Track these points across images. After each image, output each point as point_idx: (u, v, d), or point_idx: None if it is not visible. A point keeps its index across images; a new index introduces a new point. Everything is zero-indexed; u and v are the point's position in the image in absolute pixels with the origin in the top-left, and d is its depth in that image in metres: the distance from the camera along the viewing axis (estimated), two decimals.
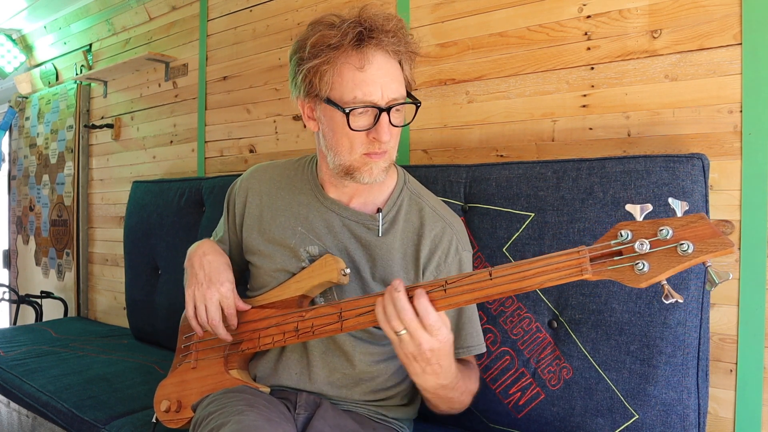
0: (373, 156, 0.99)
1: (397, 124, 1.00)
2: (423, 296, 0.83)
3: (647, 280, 0.69)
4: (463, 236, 1.12)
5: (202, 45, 2.42)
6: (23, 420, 1.78)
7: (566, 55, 1.44)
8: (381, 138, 0.97)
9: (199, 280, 1.10)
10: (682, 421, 1.09)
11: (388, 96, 0.96)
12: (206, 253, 1.14)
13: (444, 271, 1.06)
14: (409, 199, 1.11)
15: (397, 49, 0.98)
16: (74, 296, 3.06)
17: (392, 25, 0.97)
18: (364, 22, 0.96)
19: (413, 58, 1.03)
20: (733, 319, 1.20)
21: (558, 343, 1.21)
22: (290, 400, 1.07)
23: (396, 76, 0.99)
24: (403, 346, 0.84)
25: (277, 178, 1.18)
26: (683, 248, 0.66)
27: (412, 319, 0.82)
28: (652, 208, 0.71)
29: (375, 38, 0.95)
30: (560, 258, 0.75)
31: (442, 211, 1.12)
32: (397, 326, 0.83)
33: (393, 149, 1.03)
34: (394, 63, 0.99)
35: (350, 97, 0.95)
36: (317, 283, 1.04)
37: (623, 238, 0.71)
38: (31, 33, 3.46)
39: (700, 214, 0.67)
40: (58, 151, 3.20)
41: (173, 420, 1.14)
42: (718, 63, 1.23)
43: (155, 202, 2.20)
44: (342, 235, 1.08)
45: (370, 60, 0.95)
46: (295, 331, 1.02)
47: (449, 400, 0.99)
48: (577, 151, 1.42)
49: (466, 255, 1.10)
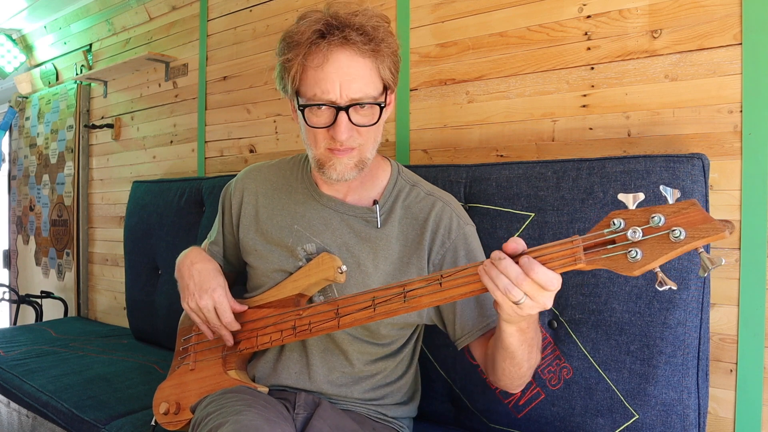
0: (335, 152, 0.98)
1: (361, 124, 0.97)
2: (535, 264, 0.75)
3: (640, 267, 0.69)
4: (461, 212, 1.11)
5: (202, 45, 2.42)
6: (23, 420, 1.78)
7: (566, 55, 1.44)
8: (337, 137, 0.95)
9: (191, 291, 1.10)
10: (682, 421, 1.09)
11: (347, 95, 0.94)
12: (194, 262, 1.14)
13: (449, 247, 1.05)
14: (404, 187, 1.11)
15: (366, 48, 0.94)
16: (74, 296, 3.06)
17: (360, 21, 0.94)
18: (330, 17, 0.94)
19: (392, 55, 0.98)
20: (733, 319, 1.20)
21: (558, 343, 1.21)
22: (289, 400, 1.07)
23: (363, 75, 0.95)
24: (525, 310, 0.77)
25: (272, 178, 1.18)
26: (675, 234, 0.66)
27: (532, 284, 0.75)
28: (644, 196, 0.71)
29: (337, 35, 0.92)
30: (554, 248, 0.75)
31: (437, 192, 1.12)
32: (518, 295, 0.76)
33: (364, 147, 1.00)
34: (363, 62, 0.95)
35: (311, 94, 0.95)
36: (314, 281, 1.04)
37: (616, 227, 0.71)
38: (31, 33, 3.46)
39: (691, 201, 0.67)
40: (58, 151, 3.20)
41: (172, 422, 1.14)
42: (718, 63, 1.23)
43: (155, 202, 2.20)
44: (341, 230, 1.08)
45: (330, 57, 0.93)
46: (293, 330, 1.02)
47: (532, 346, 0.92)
48: (577, 151, 1.42)
49: (469, 229, 1.09)
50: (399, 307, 0.89)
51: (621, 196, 0.72)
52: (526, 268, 0.75)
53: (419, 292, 0.87)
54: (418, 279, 0.87)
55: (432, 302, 0.86)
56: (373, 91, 0.96)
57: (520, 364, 0.93)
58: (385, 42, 0.96)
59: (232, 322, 1.08)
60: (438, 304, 0.87)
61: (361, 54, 0.94)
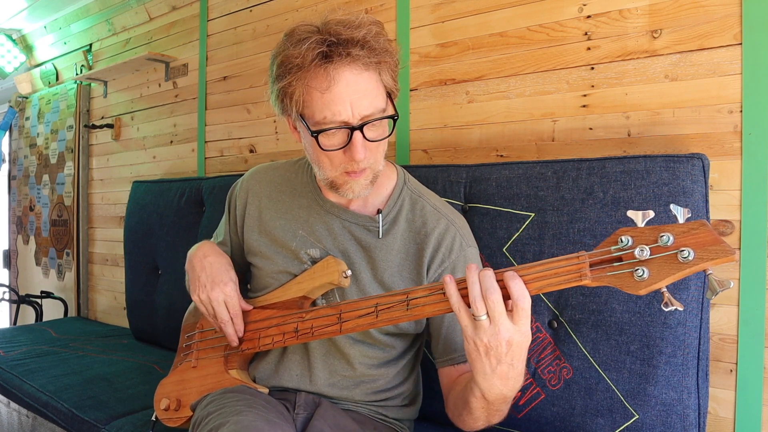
0: (352, 175, 0.97)
1: (374, 139, 0.95)
2: (517, 277, 0.74)
3: (647, 287, 0.68)
4: (467, 233, 1.10)
5: (202, 45, 2.42)
6: (23, 420, 1.78)
7: (566, 55, 1.44)
8: (355, 157, 0.93)
9: (202, 282, 1.09)
10: (682, 421, 1.09)
11: (359, 113, 0.91)
12: (207, 255, 1.14)
13: (448, 267, 1.05)
14: (409, 199, 1.10)
15: (369, 61, 0.91)
16: (74, 296, 3.06)
17: (361, 34, 0.90)
18: (329, 36, 0.90)
19: (393, 63, 0.95)
20: (733, 319, 1.20)
21: (558, 343, 1.21)
22: (289, 400, 1.07)
23: (369, 89, 0.92)
24: (479, 333, 0.75)
25: (277, 180, 1.18)
26: (684, 255, 0.65)
27: (498, 302, 0.73)
28: (654, 214, 0.70)
29: (342, 53, 0.89)
30: (560, 263, 0.74)
31: (444, 209, 1.11)
32: (480, 309, 0.74)
33: (377, 162, 0.98)
34: (368, 75, 0.92)
35: (320, 117, 0.92)
36: (318, 284, 1.04)
37: (623, 244, 0.70)
38: (31, 33, 3.46)
39: (701, 221, 0.66)
40: (58, 151, 3.20)
41: (172, 418, 1.14)
42: (718, 63, 1.23)
43: (155, 202, 2.20)
44: (342, 237, 1.08)
45: (336, 78, 0.90)
46: (295, 332, 1.02)
47: (495, 415, 0.89)
48: (577, 151, 1.42)
49: (471, 251, 1.08)
50: (401, 315, 0.88)
51: (630, 213, 0.71)
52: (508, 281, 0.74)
53: (422, 300, 0.86)
54: (422, 287, 0.86)
55: (435, 311, 0.85)
56: (381, 103, 0.94)
57: (476, 419, 0.91)
58: (387, 51, 0.93)
59: (238, 315, 1.08)
60: (441, 313, 0.87)
61: (366, 68, 0.92)
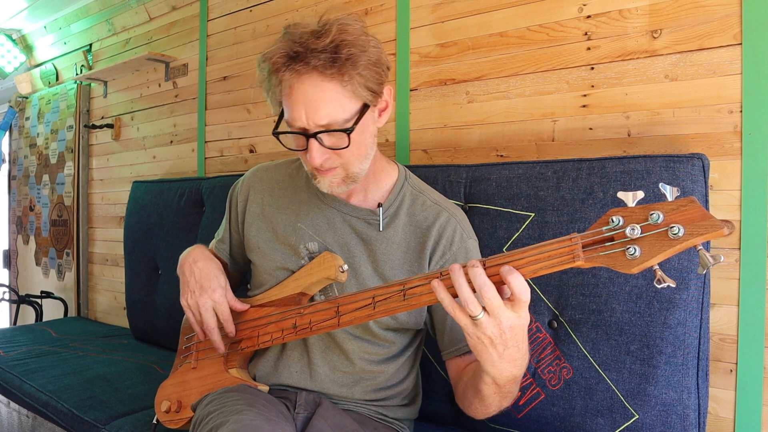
0: (320, 172, 0.99)
1: (333, 147, 0.94)
2: (515, 272, 0.73)
3: (639, 264, 0.68)
4: (467, 225, 1.12)
5: (202, 45, 2.42)
6: (23, 420, 1.78)
7: (566, 55, 1.44)
8: (311, 162, 0.95)
9: (191, 288, 1.11)
10: (682, 421, 1.09)
11: (314, 122, 0.92)
12: (196, 260, 1.14)
13: (449, 259, 1.06)
14: (410, 194, 1.12)
15: (329, 72, 0.89)
16: (74, 296, 3.06)
17: (322, 44, 0.89)
18: (294, 43, 0.91)
19: (369, 69, 0.92)
20: (733, 319, 1.20)
21: (558, 343, 1.21)
22: (290, 399, 1.07)
23: (327, 99, 0.91)
24: (480, 329, 0.74)
25: (278, 177, 1.19)
26: (674, 231, 0.65)
27: (494, 297, 0.72)
28: (643, 195, 0.70)
29: (303, 60, 0.90)
30: (552, 246, 0.74)
31: (444, 203, 1.12)
32: (475, 309, 0.73)
33: (347, 164, 0.98)
34: (329, 85, 0.90)
35: (288, 118, 0.96)
36: (315, 280, 1.04)
37: (614, 224, 0.70)
38: (31, 33, 3.46)
39: (690, 198, 0.67)
40: (58, 151, 3.20)
41: (173, 420, 1.14)
42: (718, 63, 1.23)
43: (155, 202, 2.20)
44: (342, 230, 1.09)
45: (294, 84, 0.91)
46: (293, 328, 1.02)
47: (507, 397, 0.89)
48: (577, 151, 1.42)
49: (471, 243, 1.10)
50: (399, 305, 0.88)
51: (620, 194, 0.72)
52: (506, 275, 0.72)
53: (419, 290, 0.86)
54: (418, 277, 0.87)
55: (432, 300, 0.85)
56: (343, 114, 0.92)
57: (488, 405, 0.91)
58: (351, 60, 0.90)
59: (228, 320, 1.08)
60: (437, 302, 0.87)
61: (325, 78, 0.90)
